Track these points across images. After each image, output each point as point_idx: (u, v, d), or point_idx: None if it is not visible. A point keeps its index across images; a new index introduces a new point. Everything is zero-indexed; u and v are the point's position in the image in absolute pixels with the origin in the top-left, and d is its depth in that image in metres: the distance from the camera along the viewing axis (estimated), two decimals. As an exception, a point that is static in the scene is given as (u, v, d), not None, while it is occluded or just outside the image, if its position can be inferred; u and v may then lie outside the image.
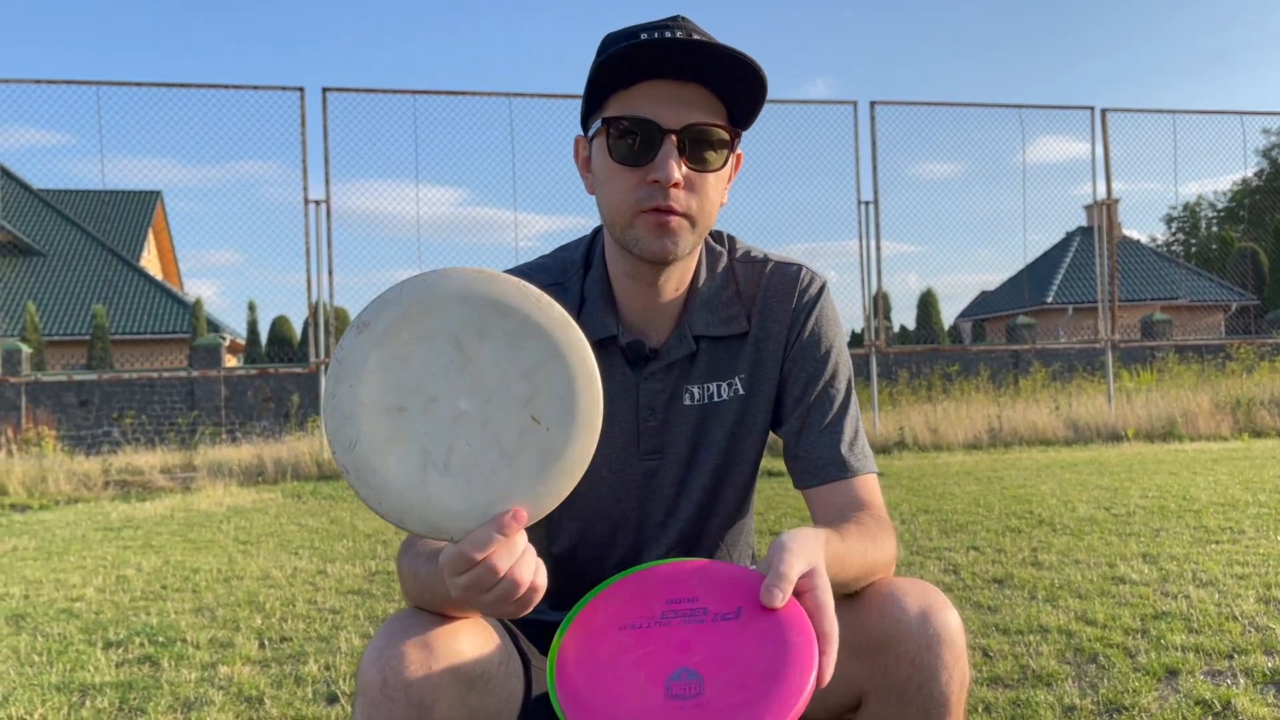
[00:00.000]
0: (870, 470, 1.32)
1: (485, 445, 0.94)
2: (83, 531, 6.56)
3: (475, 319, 0.94)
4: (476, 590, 0.94)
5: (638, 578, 1.05)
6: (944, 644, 1.08)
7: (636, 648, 0.96)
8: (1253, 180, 34.16)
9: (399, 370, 0.93)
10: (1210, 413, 11.68)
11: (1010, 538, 4.88)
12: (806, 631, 0.93)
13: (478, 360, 0.94)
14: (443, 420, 0.93)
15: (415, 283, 0.94)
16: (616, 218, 1.23)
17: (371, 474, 0.93)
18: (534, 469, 0.95)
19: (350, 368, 0.93)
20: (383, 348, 0.93)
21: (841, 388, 1.34)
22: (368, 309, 0.94)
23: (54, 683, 3.02)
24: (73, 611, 4.03)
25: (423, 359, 0.93)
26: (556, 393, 0.95)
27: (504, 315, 0.95)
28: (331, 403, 0.93)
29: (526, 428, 0.94)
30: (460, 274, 0.95)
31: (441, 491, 0.93)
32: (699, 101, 1.20)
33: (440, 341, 0.94)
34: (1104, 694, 2.56)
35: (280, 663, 3.17)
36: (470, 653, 1.08)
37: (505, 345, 0.94)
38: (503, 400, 0.94)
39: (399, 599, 4.03)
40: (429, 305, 0.94)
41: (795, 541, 0.99)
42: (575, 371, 0.96)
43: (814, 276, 1.37)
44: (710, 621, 0.96)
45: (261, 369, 15.78)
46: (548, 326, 0.95)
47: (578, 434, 0.96)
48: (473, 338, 0.94)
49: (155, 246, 30.76)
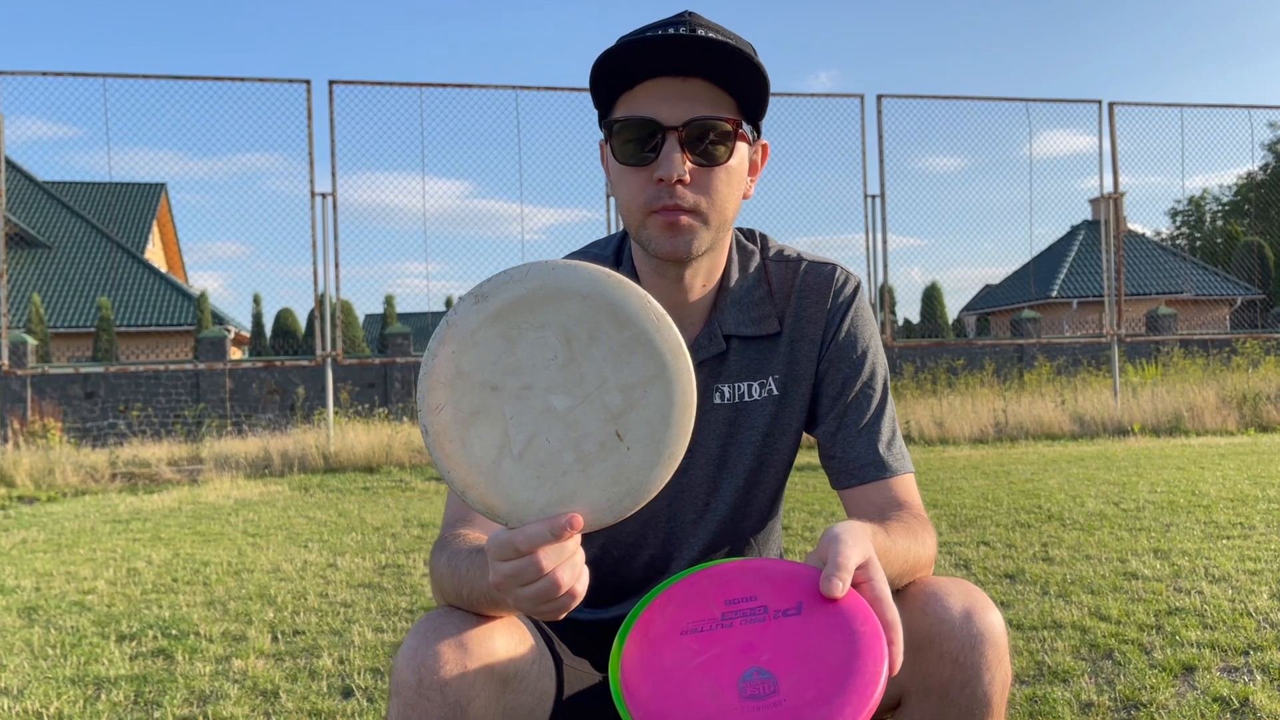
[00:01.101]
0: (907, 470, 1.31)
1: (564, 446, 0.93)
2: (91, 524, 6.57)
3: (591, 320, 0.93)
4: (515, 581, 0.93)
5: (690, 581, 1.04)
6: (988, 644, 1.08)
7: (702, 651, 0.95)
8: (1257, 174, 34.06)
9: (503, 350, 0.92)
10: (1216, 407, 11.67)
11: (1020, 533, 4.88)
12: (871, 621, 0.93)
13: (582, 361, 0.93)
14: (531, 410, 0.93)
15: (542, 269, 0.93)
16: (631, 219, 1.23)
17: (449, 441, 0.92)
18: (605, 483, 0.94)
19: (458, 334, 0.92)
20: (494, 324, 0.92)
21: (878, 388, 1.33)
22: (489, 281, 0.93)
23: (69, 676, 3.02)
24: (84, 604, 4.04)
25: (529, 345, 0.93)
26: (649, 415, 0.94)
27: (620, 325, 0.93)
28: (431, 363, 0.92)
29: (609, 441, 0.94)
30: (588, 272, 0.93)
31: (510, 478, 0.93)
32: (702, 96, 1.19)
33: (551, 333, 0.93)
34: (1121, 690, 2.56)
35: (294, 656, 3.17)
36: (505, 652, 1.08)
37: (613, 354, 0.93)
38: (594, 407, 0.93)
39: (410, 592, 4.03)
40: (550, 294, 0.93)
41: (848, 533, 0.98)
42: (674, 400, 0.94)
43: (849, 276, 1.36)
44: (772, 619, 0.96)
45: (268, 361, 15.78)
46: (660, 348, 0.94)
47: (658, 462, 0.95)
48: (583, 338, 0.93)
49: (160, 239, 30.76)
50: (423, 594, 4.01)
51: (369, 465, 9.94)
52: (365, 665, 3.03)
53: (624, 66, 1.17)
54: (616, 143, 1.21)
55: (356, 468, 9.93)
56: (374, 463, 9.96)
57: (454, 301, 0.97)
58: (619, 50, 1.16)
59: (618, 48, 1.16)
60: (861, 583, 0.96)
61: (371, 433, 10.79)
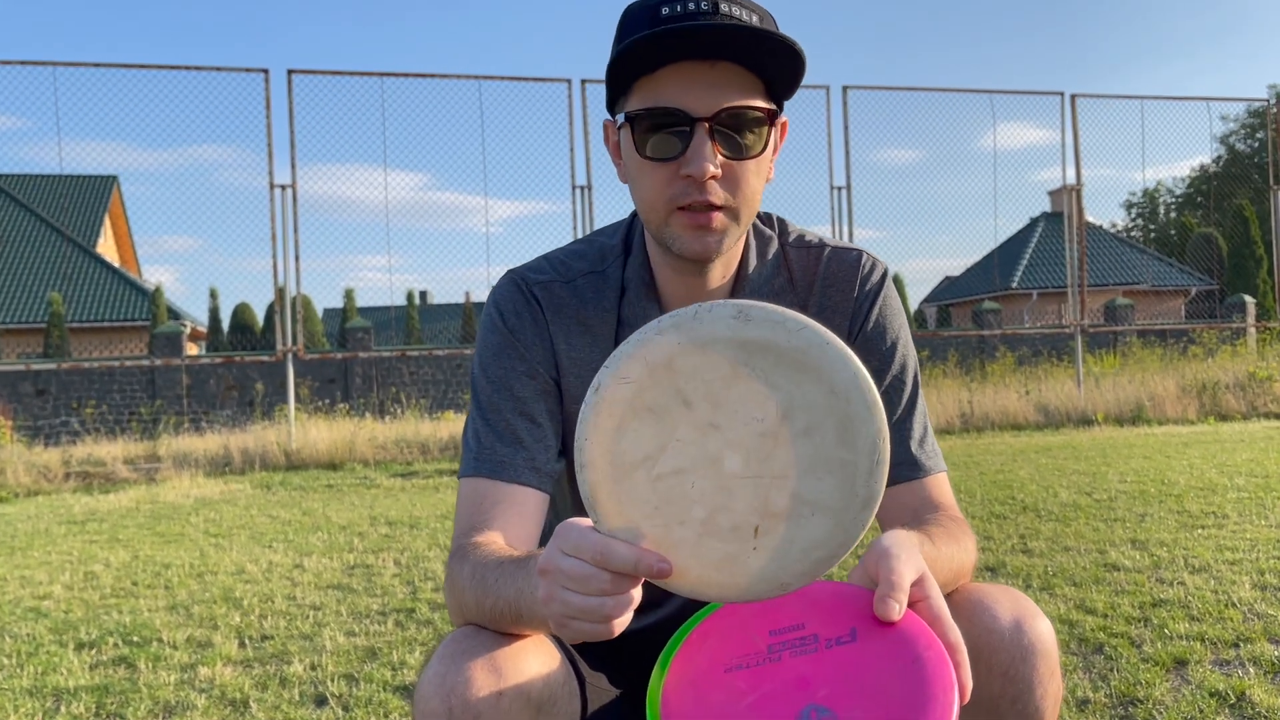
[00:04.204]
0: (941, 469, 1.24)
1: (701, 501, 0.84)
2: (45, 525, 6.37)
3: (820, 415, 0.83)
4: (572, 584, 0.83)
5: (726, 611, 0.94)
6: (1039, 656, 1.01)
7: (751, 690, 0.86)
8: (1210, 166, 34.61)
9: (723, 376, 0.83)
10: (1177, 396, 11.80)
11: (997, 524, 4.86)
12: (934, 645, 0.84)
13: (781, 443, 0.83)
14: (702, 448, 0.83)
15: (816, 335, 0.82)
16: (651, 215, 1.13)
17: (609, 417, 0.83)
18: (710, 562, 0.85)
19: (697, 331, 0.82)
20: (736, 349, 0.82)
21: (909, 381, 1.25)
22: (761, 308, 0.82)
23: (25, 687, 2.89)
24: (41, 610, 3.89)
25: (748, 391, 0.83)
26: (796, 536, 0.84)
27: (841, 441, 0.83)
28: (653, 338, 0.82)
29: (744, 529, 0.84)
30: (855, 370, 0.83)
31: (633, 491, 0.84)
32: (732, 82, 1.07)
33: (776, 398, 0.83)
34: (1116, 686, 2.52)
35: (263, 663, 3.06)
36: (538, 674, 0.99)
37: (814, 461, 0.83)
38: (758, 491, 0.84)
39: (381, 594, 3.92)
40: (806, 364, 0.82)
41: (898, 546, 0.89)
42: (825, 542, 0.85)
43: (875, 263, 1.27)
44: (825, 648, 0.87)
45: (226, 357, 15.50)
46: (857, 489, 0.84)
47: (767, 579, 0.86)
48: (800, 425, 0.83)
49: (112, 232, 30.13)
50: (394, 595, 3.90)
51: (332, 462, 9.77)
52: (338, 671, 2.92)
53: (647, 50, 1.06)
54: (637, 134, 1.10)
55: (319, 465, 9.75)
56: (337, 459, 9.79)
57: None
58: (643, 36, 1.04)
59: (642, 35, 1.04)
60: (918, 601, 0.87)
61: (334, 429, 10.61)
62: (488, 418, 1.19)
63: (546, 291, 1.23)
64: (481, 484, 1.16)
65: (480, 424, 1.19)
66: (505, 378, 1.20)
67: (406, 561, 4.60)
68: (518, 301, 1.22)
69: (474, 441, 1.19)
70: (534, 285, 1.24)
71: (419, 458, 10.00)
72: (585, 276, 1.24)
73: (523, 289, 1.23)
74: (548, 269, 1.25)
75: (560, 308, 1.23)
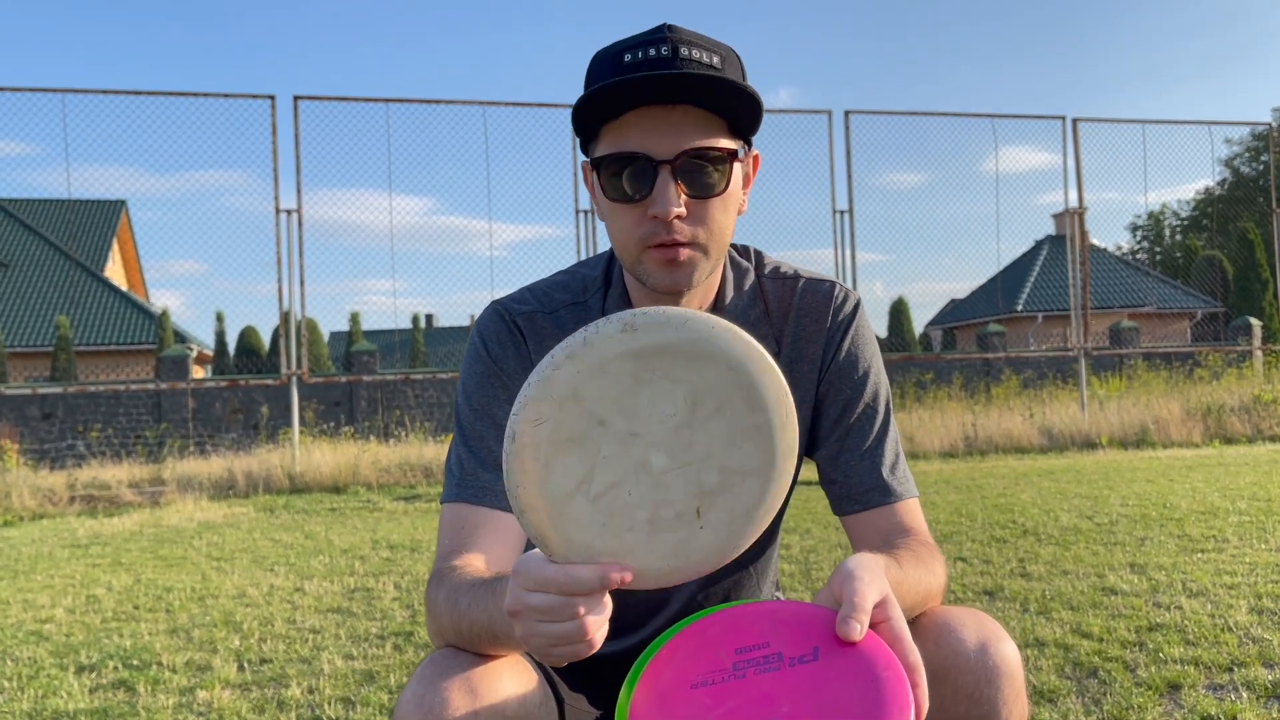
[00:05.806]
0: (912, 494, 1.26)
1: (642, 504, 0.88)
2: (49, 549, 6.39)
3: (725, 393, 0.88)
4: (542, 616, 0.86)
5: (695, 629, 0.97)
6: (1004, 677, 1.03)
7: (715, 706, 0.89)
8: (1215, 189, 34.66)
9: (627, 389, 0.86)
10: (1181, 420, 11.78)
11: (996, 548, 4.86)
12: (893, 664, 0.87)
13: (697, 429, 0.88)
14: (627, 458, 0.87)
15: (702, 322, 0.87)
16: (625, 254, 1.18)
17: (533, 460, 0.86)
18: (665, 552, 0.90)
19: (591, 356, 0.85)
20: (631, 360, 0.86)
21: (880, 409, 1.28)
22: (644, 315, 0.86)
23: (26, 710, 2.90)
24: (42, 634, 3.91)
25: (654, 394, 0.87)
26: (735, 504, 0.90)
27: (751, 409, 0.88)
28: (551, 374, 0.85)
29: (687, 514, 0.89)
30: (744, 343, 0.88)
31: (576, 516, 0.87)
32: (693, 124, 1.11)
33: (681, 391, 0.87)
34: (1109, 710, 2.52)
35: (261, 686, 3.07)
36: (513, 694, 1.02)
37: (731, 434, 0.89)
38: (688, 477, 0.88)
39: (380, 617, 3.94)
40: (699, 352, 0.87)
41: (863, 569, 0.92)
42: (765, 499, 0.91)
43: (848, 294, 1.30)
44: (788, 667, 0.90)
45: (231, 380, 15.54)
46: (778, 445, 0.90)
47: (723, 549, 0.91)
48: (710, 407, 0.88)
49: (120, 256, 30.30)
50: (393, 618, 3.91)
51: (335, 485, 9.79)
52: (335, 694, 2.93)
53: (609, 98, 1.10)
54: (605, 178, 1.14)
55: (323, 488, 9.77)
56: (340, 483, 9.81)
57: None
58: (604, 85, 1.08)
59: (604, 84, 1.08)
60: (880, 622, 0.90)
61: (338, 452, 10.63)
62: (470, 444, 1.22)
63: (529, 322, 1.27)
64: (463, 509, 1.18)
65: (463, 450, 1.22)
66: (488, 405, 1.23)
67: (407, 585, 4.62)
68: (501, 332, 1.26)
69: (456, 468, 1.22)
70: (517, 315, 1.27)
71: (422, 481, 10.02)
72: (567, 308, 1.28)
73: (506, 319, 1.26)
74: (531, 300, 1.29)
75: (543, 338, 1.26)
